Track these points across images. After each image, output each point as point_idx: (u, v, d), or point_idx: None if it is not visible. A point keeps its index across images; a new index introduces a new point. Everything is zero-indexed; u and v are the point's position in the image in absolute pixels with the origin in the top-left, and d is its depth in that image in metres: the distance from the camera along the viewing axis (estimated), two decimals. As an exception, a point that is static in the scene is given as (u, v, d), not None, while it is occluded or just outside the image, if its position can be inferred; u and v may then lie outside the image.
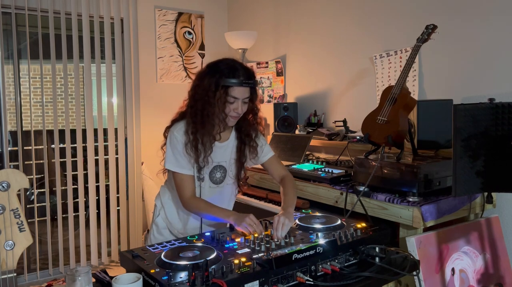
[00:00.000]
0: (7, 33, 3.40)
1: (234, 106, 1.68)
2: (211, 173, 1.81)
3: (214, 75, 1.66)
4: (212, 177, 1.81)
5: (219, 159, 1.81)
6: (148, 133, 3.78)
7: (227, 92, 1.65)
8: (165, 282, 1.20)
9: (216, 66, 1.70)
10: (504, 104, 1.51)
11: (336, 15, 3.12)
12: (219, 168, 1.82)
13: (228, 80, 1.64)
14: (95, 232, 3.67)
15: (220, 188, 1.85)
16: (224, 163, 1.83)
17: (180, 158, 1.73)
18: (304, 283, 1.35)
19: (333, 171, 2.30)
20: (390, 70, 2.74)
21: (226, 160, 1.84)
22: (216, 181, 1.83)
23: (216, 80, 1.64)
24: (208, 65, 1.74)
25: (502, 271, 1.96)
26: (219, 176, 1.83)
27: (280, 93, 3.61)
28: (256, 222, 1.58)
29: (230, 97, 1.65)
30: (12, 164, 3.43)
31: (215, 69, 1.68)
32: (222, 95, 1.64)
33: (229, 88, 1.65)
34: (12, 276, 1.03)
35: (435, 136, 2.10)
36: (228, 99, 1.66)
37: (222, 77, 1.64)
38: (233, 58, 1.74)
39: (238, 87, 1.65)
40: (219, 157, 1.80)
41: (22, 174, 1.05)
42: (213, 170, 1.81)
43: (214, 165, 1.80)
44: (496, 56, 2.23)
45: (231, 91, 1.65)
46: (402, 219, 1.81)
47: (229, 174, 1.86)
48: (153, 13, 3.84)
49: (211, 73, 1.68)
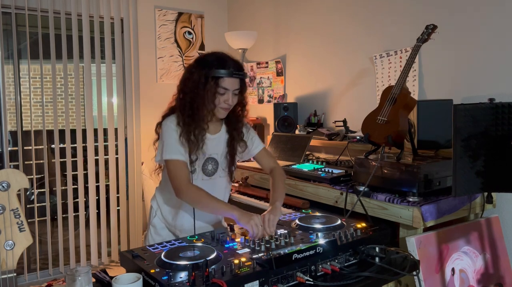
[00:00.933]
0: (7, 33, 3.40)
1: (225, 97, 1.69)
2: (204, 165, 1.80)
3: (204, 68, 1.66)
4: (204, 169, 1.81)
5: (210, 152, 1.81)
6: (148, 133, 3.76)
7: (218, 83, 1.66)
8: (165, 282, 1.20)
9: (205, 59, 1.71)
10: (504, 104, 1.51)
11: (336, 15, 3.12)
12: (210, 160, 1.82)
13: (218, 71, 1.65)
14: (95, 232, 3.67)
15: (213, 180, 1.85)
16: (215, 156, 1.83)
17: (173, 144, 1.71)
18: (304, 283, 1.35)
19: (333, 171, 2.30)
20: (390, 70, 2.74)
21: (218, 152, 1.84)
22: (208, 173, 1.83)
23: (206, 72, 1.65)
24: (197, 58, 1.75)
25: (502, 271, 1.96)
26: (210, 168, 1.83)
27: (280, 93, 3.61)
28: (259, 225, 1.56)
29: (220, 88, 1.66)
30: (12, 164, 3.43)
31: (205, 62, 1.69)
32: (213, 87, 1.65)
33: (220, 79, 1.66)
34: (12, 276, 1.03)
35: (435, 136, 2.10)
36: (219, 90, 1.67)
37: (212, 69, 1.65)
38: (222, 51, 1.74)
39: (229, 78, 1.66)
40: (210, 149, 1.81)
41: (22, 174, 1.05)
42: (205, 162, 1.81)
43: (206, 157, 1.80)
44: (496, 56, 2.23)
45: (222, 82, 1.66)
46: (402, 219, 1.81)
47: (221, 166, 1.86)
48: (153, 13, 3.84)
49: (200, 65, 1.68)
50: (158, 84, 3.90)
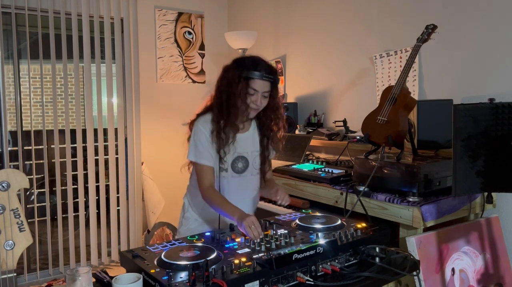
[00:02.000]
0: (7, 33, 3.40)
1: (254, 98, 1.76)
2: (233, 163, 1.87)
3: (238, 68, 1.77)
4: (234, 167, 1.88)
5: (240, 150, 1.87)
6: (148, 133, 3.79)
7: (248, 84, 1.75)
8: (165, 282, 1.20)
9: (241, 60, 1.83)
10: (504, 104, 1.51)
11: (336, 15, 3.12)
12: (241, 159, 1.89)
13: (249, 72, 1.75)
14: (95, 232, 3.66)
15: (243, 177, 1.91)
16: (245, 154, 1.89)
17: (202, 149, 1.80)
18: (304, 283, 1.35)
19: (333, 171, 2.30)
20: (390, 70, 2.74)
21: (248, 151, 1.90)
22: (238, 170, 1.89)
23: (239, 73, 1.75)
24: (235, 59, 1.85)
25: (502, 271, 1.96)
26: (240, 166, 1.89)
27: (280, 93, 3.61)
28: (256, 225, 1.54)
29: (250, 88, 1.75)
30: (12, 164, 3.43)
31: (240, 63, 1.80)
32: (244, 87, 1.74)
33: (250, 80, 1.75)
34: (12, 276, 1.03)
35: (435, 136, 2.10)
36: (249, 91, 1.75)
37: (245, 70, 1.75)
38: (259, 55, 1.84)
39: (259, 79, 1.75)
40: (240, 147, 1.87)
41: (22, 174, 1.05)
42: (235, 160, 1.87)
43: (236, 156, 1.87)
44: (496, 56, 2.23)
45: (252, 83, 1.75)
46: (402, 219, 1.81)
47: (253, 165, 1.92)
48: (153, 13, 3.84)
49: (235, 66, 1.79)
50: (158, 84, 3.90)
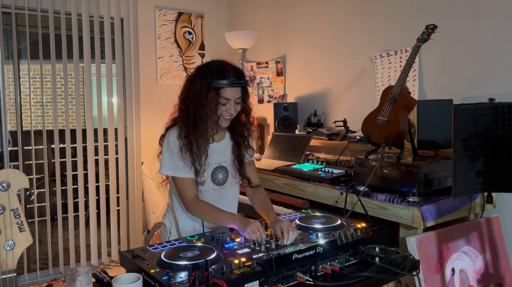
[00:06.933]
0: (7, 33, 3.40)
1: (227, 107, 1.68)
2: (213, 174, 1.80)
3: (205, 78, 1.65)
4: (214, 178, 1.81)
5: (219, 160, 1.80)
6: (148, 133, 3.78)
7: (219, 94, 1.65)
8: (165, 282, 1.20)
9: (205, 68, 1.70)
10: (504, 104, 1.51)
11: (336, 15, 3.12)
12: (220, 169, 1.81)
13: (218, 81, 1.64)
14: (95, 232, 3.66)
15: (224, 189, 1.84)
16: (224, 164, 1.83)
17: (178, 162, 1.71)
18: (304, 283, 1.35)
19: (333, 171, 2.30)
20: (390, 70, 2.74)
21: (226, 160, 1.83)
22: (218, 182, 1.82)
23: (207, 83, 1.64)
24: (198, 68, 1.74)
25: (502, 271, 1.96)
26: (221, 177, 1.82)
27: (280, 93, 3.61)
28: (261, 229, 1.53)
29: (222, 98, 1.65)
30: (12, 164, 3.43)
31: (205, 72, 1.68)
32: (214, 97, 1.64)
33: (220, 90, 1.65)
34: (12, 276, 1.03)
35: (435, 136, 2.10)
36: (220, 101, 1.66)
37: (213, 79, 1.64)
38: (222, 59, 1.74)
39: (229, 87, 1.65)
40: (218, 157, 1.80)
41: (22, 174, 1.05)
42: (215, 171, 1.80)
43: (215, 167, 1.79)
44: (496, 56, 2.23)
45: (223, 93, 1.65)
46: (402, 219, 1.81)
47: (231, 174, 1.85)
48: (153, 13, 3.84)
49: (201, 76, 1.68)
50: (158, 84, 3.90)
